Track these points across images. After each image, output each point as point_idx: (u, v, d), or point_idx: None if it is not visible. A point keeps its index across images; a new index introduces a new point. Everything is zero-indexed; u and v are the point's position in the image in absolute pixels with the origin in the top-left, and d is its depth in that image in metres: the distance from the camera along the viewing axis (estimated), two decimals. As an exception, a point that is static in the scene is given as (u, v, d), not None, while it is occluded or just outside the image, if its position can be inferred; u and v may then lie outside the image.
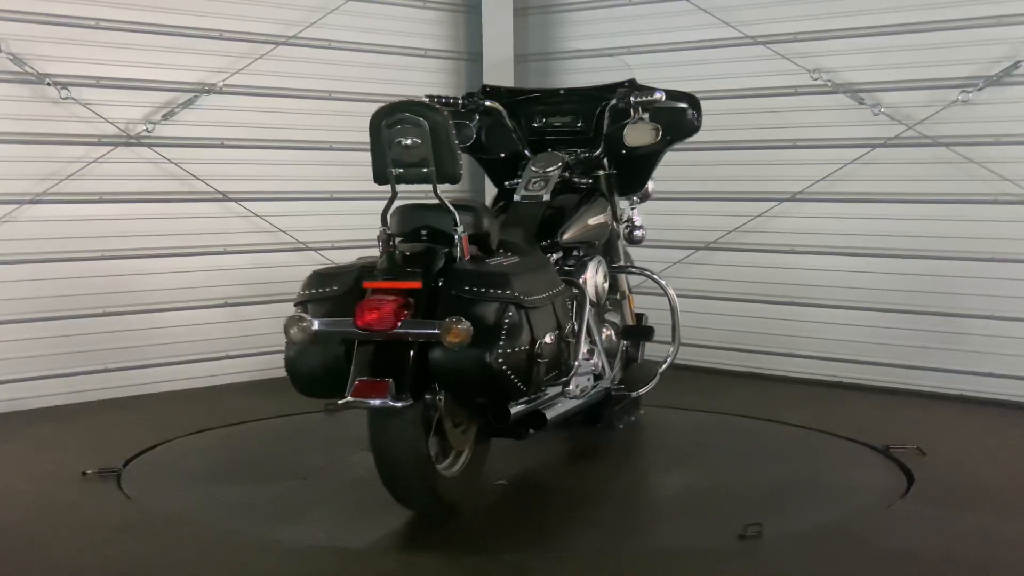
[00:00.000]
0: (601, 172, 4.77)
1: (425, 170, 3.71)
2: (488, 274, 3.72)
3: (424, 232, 3.82)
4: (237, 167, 6.23)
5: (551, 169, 4.56)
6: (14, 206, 5.52)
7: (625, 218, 5.00)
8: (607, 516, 4.02)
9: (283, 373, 6.19)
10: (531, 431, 4.06)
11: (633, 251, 5.17)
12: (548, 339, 3.75)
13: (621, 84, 4.77)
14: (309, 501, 4.16)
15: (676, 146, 5.64)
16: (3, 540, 3.71)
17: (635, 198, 5.00)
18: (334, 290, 3.71)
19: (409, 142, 3.68)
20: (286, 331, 3.62)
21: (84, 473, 4.35)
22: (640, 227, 4.98)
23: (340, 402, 3.54)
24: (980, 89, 5.62)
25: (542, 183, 4.50)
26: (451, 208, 3.76)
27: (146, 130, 5.88)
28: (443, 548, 3.72)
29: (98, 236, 5.75)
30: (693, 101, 4.78)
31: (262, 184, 6.31)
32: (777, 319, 6.35)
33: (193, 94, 6.02)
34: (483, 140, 4.94)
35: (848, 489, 4.29)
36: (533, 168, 4.59)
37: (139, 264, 5.90)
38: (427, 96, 4.60)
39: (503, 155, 4.85)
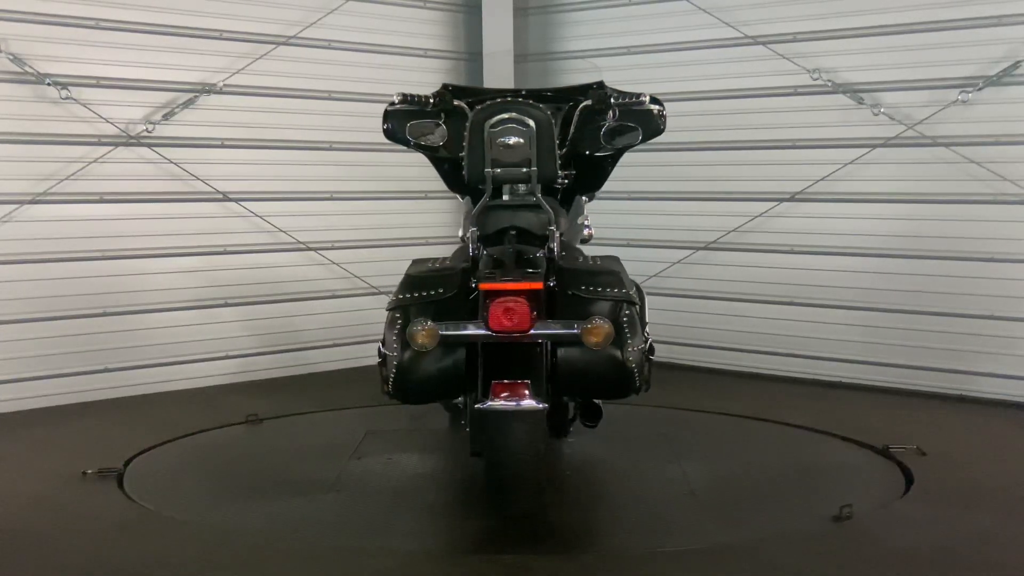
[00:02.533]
0: (563, 171, 4.75)
1: (525, 170, 3.70)
2: (602, 273, 3.76)
3: (513, 232, 3.81)
4: (237, 167, 6.23)
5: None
6: (14, 206, 5.52)
7: None
8: (606, 515, 4.02)
9: (283, 373, 6.29)
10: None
11: (632, 251, 5.17)
12: (647, 335, 3.78)
13: (590, 86, 4.79)
14: (309, 501, 4.15)
15: (674, 147, 5.67)
16: (3, 540, 3.71)
17: (584, 198, 5.00)
18: (440, 293, 3.68)
19: (512, 142, 3.67)
20: (411, 337, 3.54)
21: (84, 473, 4.35)
22: (588, 226, 4.99)
23: (480, 406, 3.51)
24: (980, 89, 5.62)
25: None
26: (548, 209, 3.77)
27: (146, 130, 5.88)
28: (443, 548, 3.73)
29: (98, 236, 5.76)
30: (659, 104, 4.79)
31: (262, 184, 6.31)
32: (777, 319, 6.35)
33: (193, 94, 6.02)
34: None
35: (848, 489, 4.29)
36: None
37: (139, 264, 5.90)
38: (399, 94, 4.58)
39: (460, 155, 4.79)
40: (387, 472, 4.51)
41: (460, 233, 4.88)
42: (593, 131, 4.61)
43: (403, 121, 4.62)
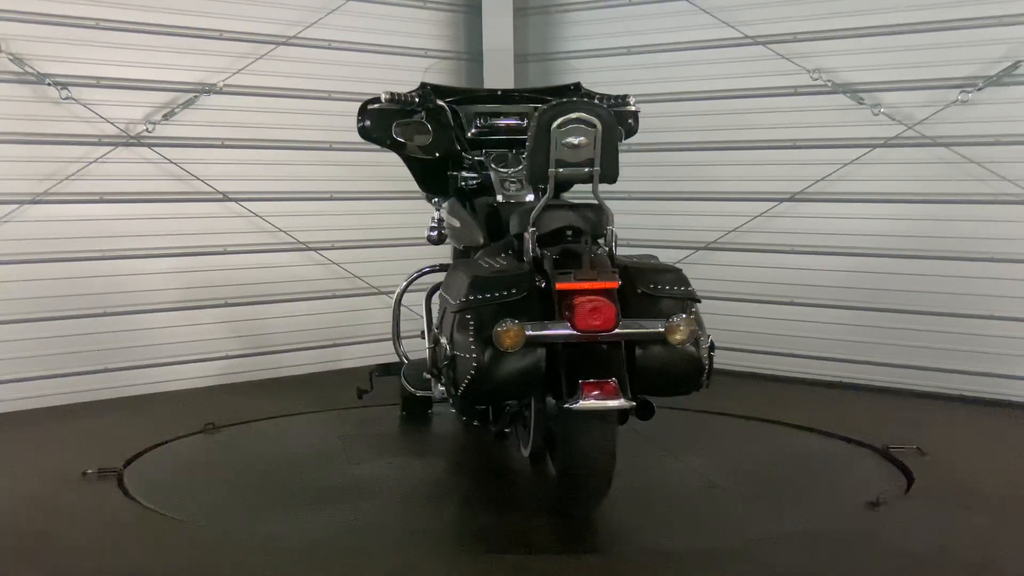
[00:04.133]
0: None
1: (587, 170, 3.72)
2: (667, 271, 3.81)
3: (569, 232, 3.82)
4: (237, 167, 6.23)
5: (518, 169, 4.56)
6: (14, 206, 5.52)
7: None
8: (607, 515, 4.02)
9: (284, 373, 6.29)
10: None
11: (632, 251, 5.16)
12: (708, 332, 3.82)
13: (567, 87, 4.80)
14: (311, 499, 4.15)
15: (674, 147, 5.62)
16: (3, 540, 3.72)
17: None
18: (513, 293, 3.66)
19: (577, 142, 3.67)
20: (498, 338, 3.51)
21: (84, 473, 4.35)
22: None
23: (572, 406, 3.50)
24: (980, 89, 5.62)
25: (519, 184, 4.50)
26: (606, 208, 3.80)
27: (146, 130, 5.88)
28: (443, 548, 3.73)
29: (98, 236, 5.76)
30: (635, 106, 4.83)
31: (262, 184, 6.31)
32: (777, 319, 6.35)
33: (193, 94, 6.02)
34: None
35: (848, 489, 4.29)
36: (500, 169, 4.55)
37: (139, 264, 5.90)
38: (388, 92, 4.57)
39: (437, 155, 4.73)
40: (395, 475, 4.53)
41: (427, 234, 4.87)
42: None
43: (383, 119, 4.62)
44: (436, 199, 4.91)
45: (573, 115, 3.67)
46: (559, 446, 3.80)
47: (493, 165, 4.57)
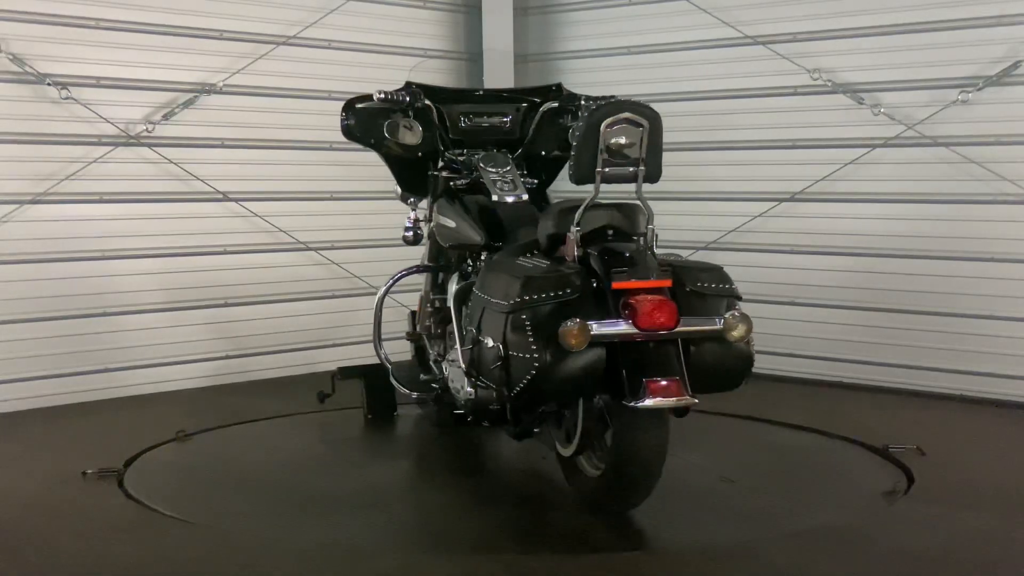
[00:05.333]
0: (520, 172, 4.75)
1: (632, 169, 3.73)
2: (710, 269, 3.85)
3: (610, 231, 3.83)
4: (237, 167, 6.23)
5: (508, 169, 4.56)
6: (14, 206, 5.52)
7: None
8: (606, 515, 4.02)
9: (283, 373, 6.29)
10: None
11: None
12: None
13: (549, 87, 4.80)
14: (308, 501, 4.16)
15: (675, 147, 5.53)
16: (3, 539, 3.71)
17: None
18: (567, 292, 3.64)
19: (624, 141, 3.69)
20: (564, 337, 3.51)
21: (84, 473, 4.35)
22: None
23: (638, 404, 3.50)
24: (980, 89, 5.62)
25: (511, 184, 4.50)
26: (648, 207, 3.83)
27: (146, 130, 5.88)
28: (443, 548, 3.73)
29: (98, 236, 5.76)
30: None
31: (262, 184, 6.31)
32: (777, 319, 6.34)
33: (193, 94, 6.02)
34: None
35: (848, 489, 4.29)
36: (491, 169, 4.55)
37: (140, 264, 5.90)
38: (378, 92, 4.58)
39: (420, 154, 4.75)
40: (391, 475, 4.52)
41: (403, 235, 4.87)
42: (551, 132, 4.66)
43: (367, 118, 4.63)
44: (412, 199, 4.91)
45: (622, 115, 3.68)
46: (604, 445, 3.80)
47: (482, 165, 4.57)
